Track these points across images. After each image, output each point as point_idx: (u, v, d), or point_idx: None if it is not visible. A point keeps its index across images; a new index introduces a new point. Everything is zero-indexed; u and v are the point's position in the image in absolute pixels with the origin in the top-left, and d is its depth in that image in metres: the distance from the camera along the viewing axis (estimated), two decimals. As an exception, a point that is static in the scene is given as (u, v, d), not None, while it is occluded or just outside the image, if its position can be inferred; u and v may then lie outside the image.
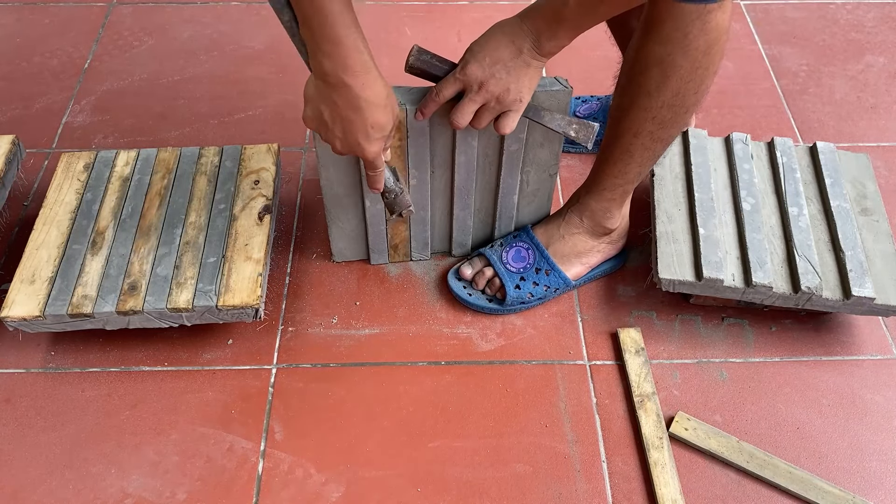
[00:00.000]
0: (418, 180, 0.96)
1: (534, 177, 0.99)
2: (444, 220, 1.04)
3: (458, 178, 0.97)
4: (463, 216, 1.02)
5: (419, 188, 0.97)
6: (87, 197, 1.02)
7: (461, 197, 0.99)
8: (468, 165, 0.95)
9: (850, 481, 0.88)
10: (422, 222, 1.02)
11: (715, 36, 0.78)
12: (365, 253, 1.07)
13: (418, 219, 1.01)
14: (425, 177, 0.96)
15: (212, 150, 1.07)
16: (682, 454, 0.90)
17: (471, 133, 0.91)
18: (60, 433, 0.91)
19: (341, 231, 1.03)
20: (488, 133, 0.92)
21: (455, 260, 1.08)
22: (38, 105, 1.30)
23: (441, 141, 0.92)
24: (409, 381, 0.96)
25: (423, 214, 1.01)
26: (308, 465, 0.89)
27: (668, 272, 0.95)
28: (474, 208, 1.01)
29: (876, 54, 1.42)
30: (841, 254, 0.95)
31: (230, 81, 1.34)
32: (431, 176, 0.96)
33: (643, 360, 0.97)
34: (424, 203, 0.99)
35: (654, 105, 0.84)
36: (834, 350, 1.00)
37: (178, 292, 0.91)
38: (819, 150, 1.07)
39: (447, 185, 0.99)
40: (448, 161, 0.95)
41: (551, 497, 0.87)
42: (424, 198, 0.99)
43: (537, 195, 1.02)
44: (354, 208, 1.00)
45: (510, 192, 1.00)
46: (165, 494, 0.86)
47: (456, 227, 1.04)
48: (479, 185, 0.99)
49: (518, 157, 0.96)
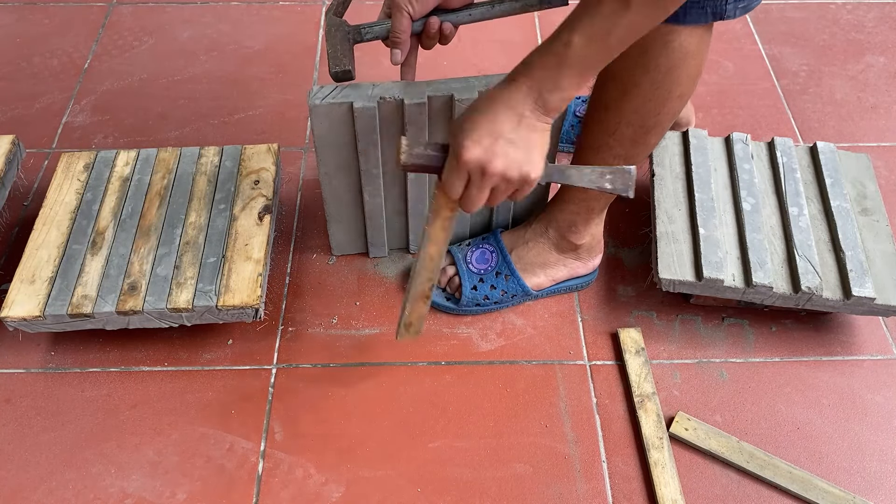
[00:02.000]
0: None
1: None
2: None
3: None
4: None
5: (417, 181, 0.96)
6: (87, 197, 1.02)
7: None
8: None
9: (850, 481, 0.88)
10: (420, 214, 1.01)
11: (679, 57, 0.76)
12: (364, 247, 1.06)
13: (416, 211, 1.00)
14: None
15: (212, 150, 1.07)
16: (682, 454, 0.90)
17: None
18: (60, 433, 0.91)
19: (340, 226, 1.03)
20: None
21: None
22: (38, 105, 1.30)
23: (438, 133, 0.91)
24: (409, 381, 0.96)
25: (420, 208, 1.00)
26: (308, 465, 0.89)
27: (669, 272, 0.95)
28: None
29: (876, 54, 1.42)
30: (841, 254, 0.95)
31: (230, 81, 1.34)
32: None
33: (643, 361, 0.97)
34: (422, 195, 0.98)
35: (612, 120, 0.83)
36: (834, 350, 1.00)
37: (178, 292, 0.91)
38: (819, 150, 1.07)
39: None
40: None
41: (551, 497, 0.87)
42: (422, 190, 0.97)
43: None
44: (354, 204, 1.00)
45: None
46: (165, 494, 0.86)
47: None
48: None
49: None
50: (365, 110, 0.85)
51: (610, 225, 1.13)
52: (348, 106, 0.86)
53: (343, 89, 0.86)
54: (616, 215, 1.13)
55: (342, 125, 0.88)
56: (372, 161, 0.92)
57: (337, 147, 0.91)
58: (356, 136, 0.89)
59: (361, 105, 0.85)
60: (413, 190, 0.97)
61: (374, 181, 0.95)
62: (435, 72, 1.30)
